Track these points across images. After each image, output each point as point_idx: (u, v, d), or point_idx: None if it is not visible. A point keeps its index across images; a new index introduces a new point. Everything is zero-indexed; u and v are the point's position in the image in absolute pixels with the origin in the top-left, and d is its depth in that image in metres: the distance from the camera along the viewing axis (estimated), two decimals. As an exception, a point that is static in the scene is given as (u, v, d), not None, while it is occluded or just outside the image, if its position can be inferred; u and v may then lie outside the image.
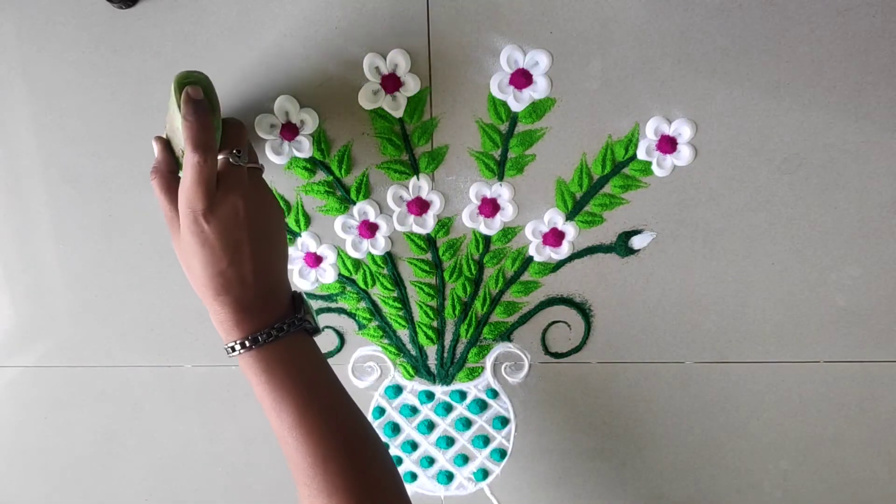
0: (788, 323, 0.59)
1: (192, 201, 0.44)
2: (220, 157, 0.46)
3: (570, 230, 0.58)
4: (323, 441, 0.45)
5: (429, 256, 0.59)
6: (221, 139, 0.47)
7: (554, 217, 0.57)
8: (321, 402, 0.46)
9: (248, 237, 0.45)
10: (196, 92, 0.45)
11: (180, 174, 0.48)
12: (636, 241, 0.58)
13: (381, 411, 0.64)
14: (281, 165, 0.56)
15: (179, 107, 0.45)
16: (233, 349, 0.46)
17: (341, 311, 0.61)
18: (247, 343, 0.45)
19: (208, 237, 0.44)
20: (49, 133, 0.57)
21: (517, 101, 0.54)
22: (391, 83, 0.54)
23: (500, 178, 0.57)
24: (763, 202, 0.56)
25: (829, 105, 0.53)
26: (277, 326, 0.46)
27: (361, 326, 0.62)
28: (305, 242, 0.59)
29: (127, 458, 0.67)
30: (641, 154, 0.55)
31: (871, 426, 0.62)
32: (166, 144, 0.49)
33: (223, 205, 0.44)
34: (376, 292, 0.60)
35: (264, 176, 0.52)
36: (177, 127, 0.46)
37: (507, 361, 0.62)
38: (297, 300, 0.49)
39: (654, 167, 0.55)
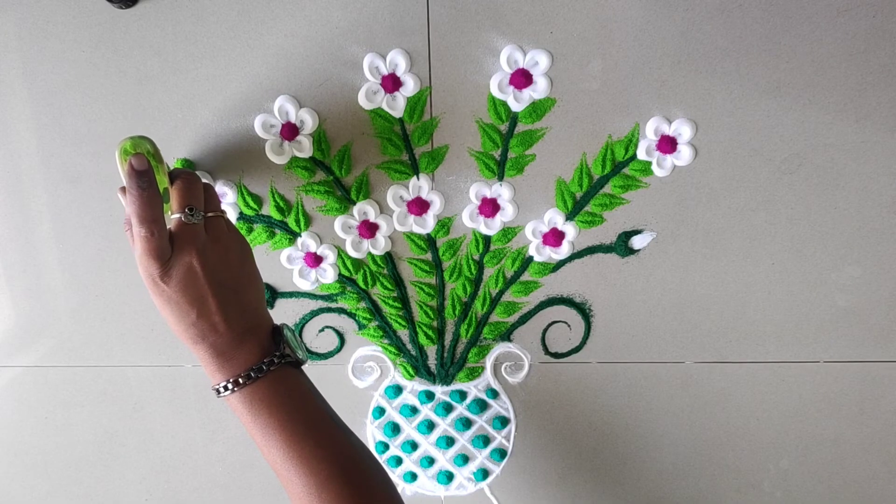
0: (788, 323, 0.59)
1: (147, 268, 0.45)
2: (174, 216, 0.47)
3: (570, 230, 0.58)
4: (315, 471, 0.45)
5: (429, 256, 0.59)
6: (174, 196, 0.47)
7: (554, 217, 0.57)
8: (310, 433, 0.47)
9: (210, 290, 0.46)
10: (140, 163, 0.46)
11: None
12: (636, 241, 0.58)
13: (381, 411, 0.64)
14: (281, 165, 0.56)
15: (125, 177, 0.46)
16: (218, 392, 0.47)
17: (341, 311, 0.61)
18: (229, 386, 0.46)
19: (171, 296, 0.45)
20: (49, 133, 0.57)
21: (517, 101, 0.54)
22: (391, 83, 0.54)
23: (500, 178, 0.57)
24: (763, 202, 0.56)
25: (829, 105, 0.53)
26: (257, 367, 0.47)
27: (361, 326, 0.62)
28: (305, 242, 0.59)
29: (127, 458, 0.67)
30: (641, 154, 0.55)
31: (871, 426, 0.62)
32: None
33: (178, 266, 0.45)
34: (376, 292, 0.60)
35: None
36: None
37: (507, 361, 0.62)
38: (276, 335, 0.49)
39: (654, 167, 0.55)
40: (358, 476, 0.47)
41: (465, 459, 0.65)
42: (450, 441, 0.65)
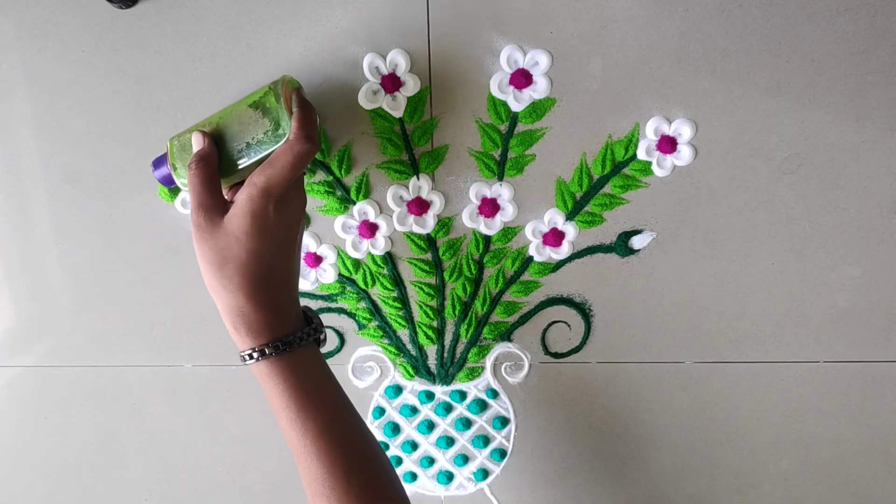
0: (788, 323, 0.59)
1: (277, 186, 0.43)
2: None
3: (570, 230, 0.58)
4: (347, 454, 0.45)
5: (429, 256, 0.59)
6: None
7: (554, 217, 0.57)
8: (346, 412, 0.46)
9: (297, 239, 0.46)
10: (304, 99, 0.47)
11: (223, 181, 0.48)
12: (636, 241, 0.58)
13: (381, 411, 0.64)
14: (281, 165, 0.56)
15: (277, 104, 0.46)
16: (251, 356, 0.44)
17: (341, 311, 0.61)
18: (266, 350, 0.44)
19: (271, 226, 0.43)
20: (49, 133, 0.57)
21: (517, 101, 0.54)
22: (391, 83, 0.54)
23: (500, 178, 0.57)
24: (763, 202, 0.56)
25: (829, 105, 0.53)
26: (299, 335, 0.45)
27: (361, 326, 0.62)
28: (305, 242, 0.59)
29: (127, 458, 0.67)
30: (641, 154, 0.55)
31: (871, 426, 0.62)
32: (213, 140, 0.48)
33: (296, 201, 0.45)
34: (376, 292, 0.60)
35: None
36: (259, 126, 0.46)
37: (507, 361, 0.62)
38: (307, 311, 0.48)
39: (654, 167, 0.55)
40: (382, 460, 0.47)
41: (465, 459, 0.65)
42: (450, 441, 0.65)
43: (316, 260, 0.59)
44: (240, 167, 0.47)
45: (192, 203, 0.45)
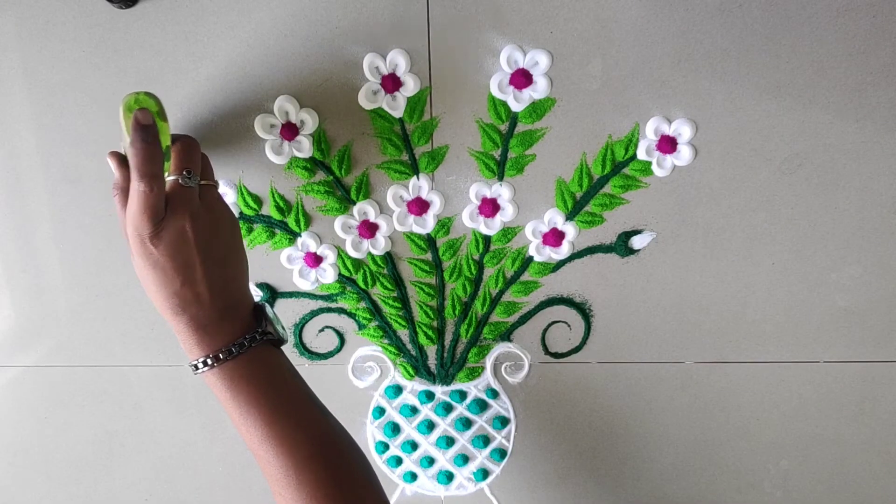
0: (788, 323, 0.59)
1: (139, 227, 0.44)
2: (170, 178, 0.46)
3: (570, 230, 0.58)
4: (293, 451, 0.45)
5: (429, 256, 0.59)
6: (174, 158, 0.47)
7: (554, 217, 0.57)
8: (289, 413, 0.46)
9: (199, 258, 0.45)
10: (145, 117, 0.45)
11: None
12: (636, 241, 0.58)
13: (381, 411, 0.64)
14: (281, 165, 0.56)
15: (128, 130, 0.45)
16: (196, 367, 0.46)
17: (341, 311, 0.61)
18: (208, 361, 0.45)
19: (158, 260, 0.44)
20: (49, 133, 0.57)
21: (517, 101, 0.54)
22: (391, 83, 0.54)
23: (500, 178, 0.57)
24: (763, 202, 0.56)
25: (829, 105, 0.53)
26: (238, 343, 0.46)
27: (361, 326, 0.62)
28: (305, 242, 0.59)
29: (127, 458, 0.67)
30: (641, 154, 0.55)
31: (871, 426, 0.62)
32: (123, 161, 0.48)
33: (170, 228, 0.44)
34: (376, 292, 0.60)
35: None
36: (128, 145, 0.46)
37: (507, 361, 0.62)
38: (259, 313, 0.48)
39: (654, 167, 0.55)
40: (336, 457, 0.47)
41: (465, 459, 0.65)
42: (450, 441, 0.65)
43: (316, 260, 0.59)
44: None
45: None
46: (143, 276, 0.46)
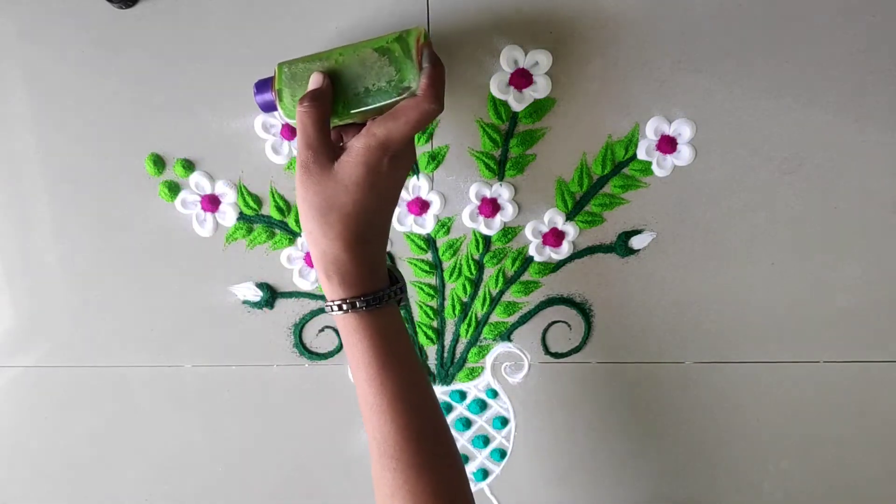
0: (788, 323, 0.59)
1: (397, 141, 0.43)
2: None
3: (570, 230, 0.58)
4: (420, 420, 0.45)
5: (429, 256, 0.59)
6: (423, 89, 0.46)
7: (554, 217, 0.57)
8: (420, 381, 0.46)
9: (397, 197, 0.46)
10: (436, 55, 0.45)
11: (336, 120, 0.47)
12: (636, 241, 0.58)
13: (381, 411, 0.64)
14: (281, 165, 0.56)
15: (405, 55, 0.44)
16: (340, 307, 0.44)
17: (341, 311, 0.61)
18: (357, 303, 0.44)
19: (382, 180, 0.43)
20: (49, 133, 0.57)
21: (517, 101, 0.54)
22: (391, 83, 0.54)
23: (500, 178, 0.57)
24: (763, 202, 0.56)
25: (829, 105, 0.53)
26: (388, 292, 0.45)
27: (361, 326, 0.62)
28: (303, 242, 0.59)
29: (127, 458, 0.67)
30: (641, 154, 0.55)
31: (871, 426, 0.62)
32: (332, 82, 0.46)
33: (407, 159, 0.45)
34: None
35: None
36: (383, 73, 0.45)
37: (507, 361, 0.62)
38: (393, 270, 0.48)
39: (654, 167, 0.55)
40: (448, 429, 0.47)
41: (465, 459, 0.65)
42: (450, 441, 0.65)
43: (316, 260, 0.59)
44: (352, 111, 0.46)
45: (300, 142, 0.44)
46: (348, 191, 0.43)
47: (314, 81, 0.46)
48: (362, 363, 0.45)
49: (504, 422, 0.64)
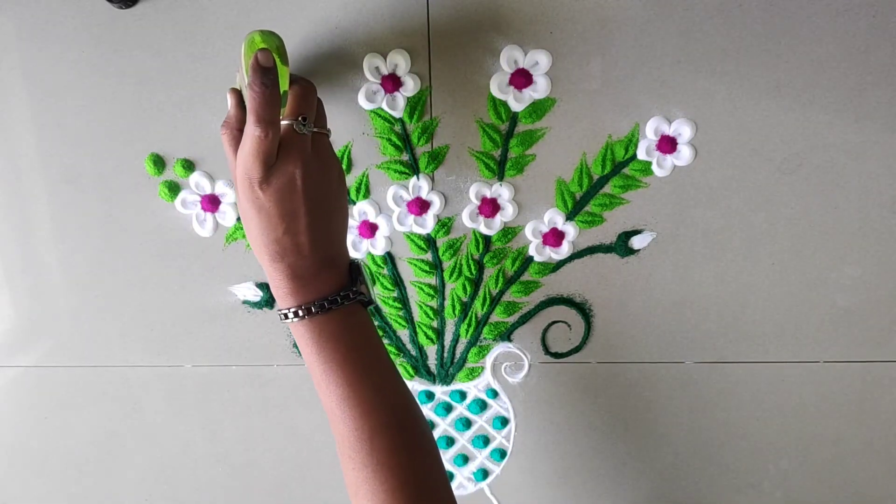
0: (788, 323, 0.59)
1: (249, 171, 0.43)
2: (284, 122, 0.45)
3: (570, 230, 0.58)
4: (371, 415, 0.45)
5: (429, 256, 0.59)
6: (290, 102, 0.46)
7: (554, 217, 0.57)
8: (371, 377, 0.46)
9: (304, 207, 0.45)
10: (266, 59, 0.43)
11: None
12: (636, 241, 0.58)
13: (381, 411, 0.64)
14: (281, 165, 0.56)
15: (247, 70, 0.43)
16: (286, 316, 0.46)
17: (341, 311, 0.61)
18: (300, 312, 0.45)
19: (264, 205, 0.44)
20: (49, 133, 0.57)
21: (517, 101, 0.54)
22: (391, 83, 0.54)
23: (500, 178, 0.57)
24: (763, 202, 0.56)
25: (829, 105, 0.53)
26: (331, 298, 0.45)
27: (361, 326, 0.62)
28: (305, 242, 0.59)
29: (127, 458, 0.67)
30: (641, 154, 0.55)
31: (871, 426, 0.62)
32: (239, 99, 0.48)
33: (280, 175, 0.44)
34: (376, 292, 0.60)
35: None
36: (247, 86, 0.44)
37: (507, 361, 0.62)
38: (354, 271, 0.48)
39: (654, 167, 0.55)
40: (412, 426, 0.47)
41: (465, 459, 0.65)
42: (450, 441, 0.65)
43: (316, 260, 0.59)
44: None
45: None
46: (246, 219, 0.45)
47: (229, 105, 0.49)
48: (311, 366, 0.46)
49: (504, 422, 0.64)
